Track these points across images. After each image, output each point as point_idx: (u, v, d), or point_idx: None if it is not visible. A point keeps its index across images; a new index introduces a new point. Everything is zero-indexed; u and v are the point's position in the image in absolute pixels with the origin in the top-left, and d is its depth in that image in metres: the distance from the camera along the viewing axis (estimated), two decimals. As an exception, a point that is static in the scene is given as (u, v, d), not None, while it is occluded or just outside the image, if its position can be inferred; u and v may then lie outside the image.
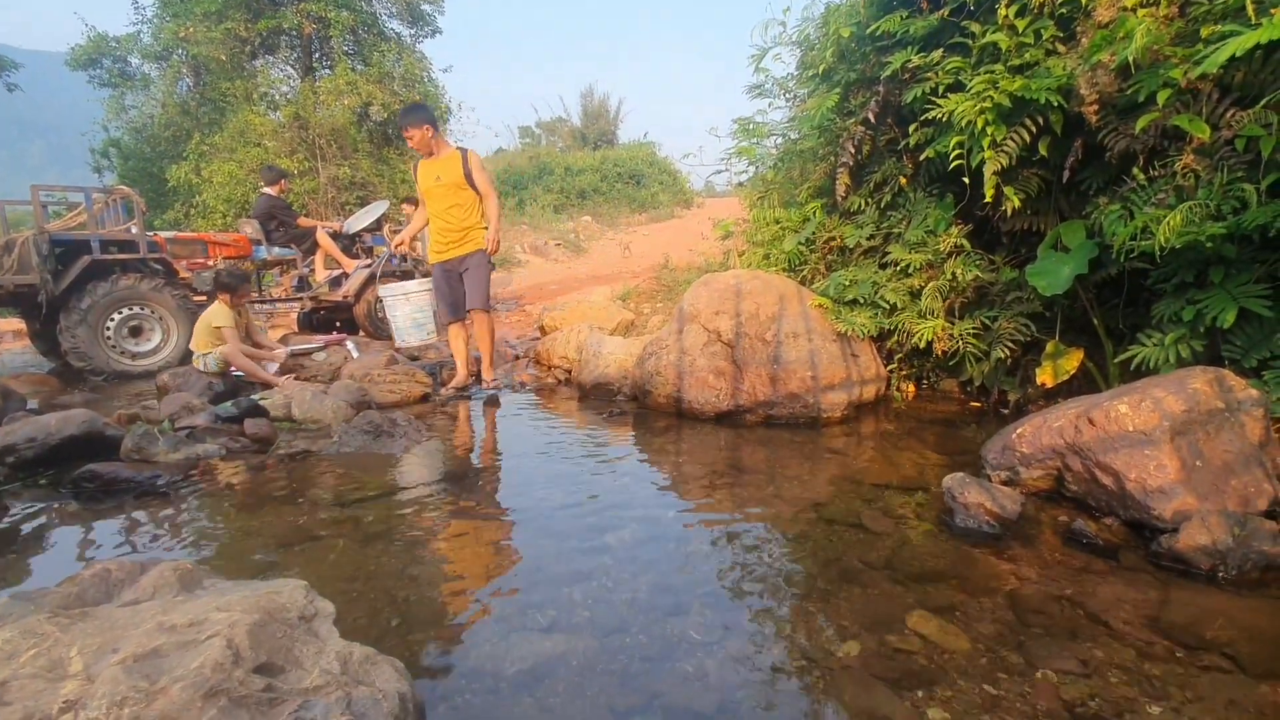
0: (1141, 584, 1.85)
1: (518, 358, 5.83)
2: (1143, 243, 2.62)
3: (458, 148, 4.44)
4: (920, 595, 1.84)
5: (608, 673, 1.55)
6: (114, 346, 5.56)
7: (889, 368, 4.01)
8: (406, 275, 7.06)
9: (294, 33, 13.53)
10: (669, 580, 1.98)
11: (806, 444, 3.30)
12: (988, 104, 3.06)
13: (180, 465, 3.03)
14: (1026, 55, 3.15)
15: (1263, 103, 2.40)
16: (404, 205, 9.24)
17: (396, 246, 4.84)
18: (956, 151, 3.30)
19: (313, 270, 7.23)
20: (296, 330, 7.33)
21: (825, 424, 3.58)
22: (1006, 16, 3.17)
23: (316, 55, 14.26)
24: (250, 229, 7.04)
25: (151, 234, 6.04)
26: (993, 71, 3.14)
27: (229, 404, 3.69)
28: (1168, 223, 2.49)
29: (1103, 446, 2.12)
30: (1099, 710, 1.38)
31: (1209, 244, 2.46)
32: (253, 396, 3.92)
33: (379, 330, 6.76)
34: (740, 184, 6.54)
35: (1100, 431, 2.14)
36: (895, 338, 3.80)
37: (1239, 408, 2.14)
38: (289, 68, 14.43)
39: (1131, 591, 1.82)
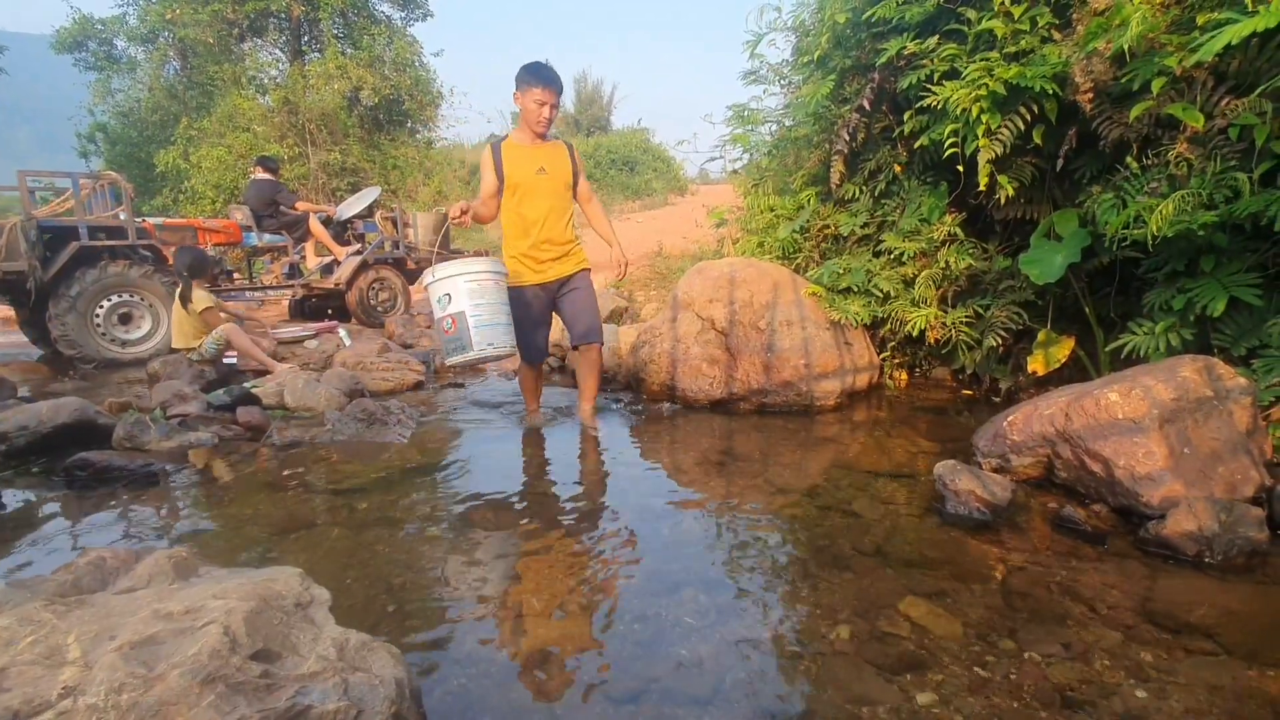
0: (1129, 569, 1.88)
1: (511, 345, 5.82)
2: (1135, 231, 2.63)
3: (558, 138, 3.29)
4: (911, 581, 1.86)
5: (604, 658, 1.56)
6: (104, 334, 5.52)
7: (882, 356, 4.03)
8: (399, 263, 7.02)
9: (282, 15, 13.34)
10: (663, 566, 2.00)
11: (800, 431, 3.32)
12: (983, 92, 3.05)
13: (173, 453, 3.02)
14: (1022, 42, 3.14)
15: (1258, 91, 2.40)
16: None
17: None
18: (951, 139, 3.29)
19: (304, 257, 7.18)
20: (288, 318, 7.29)
21: (819, 412, 3.60)
22: (1002, 3, 3.15)
23: (305, 39, 14.07)
24: (240, 215, 6.98)
25: (140, 220, 5.97)
26: (988, 59, 3.13)
27: (221, 392, 3.68)
28: (1160, 211, 2.50)
29: (1092, 434, 2.14)
30: (1085, 693, 1.40)
31: (1200, 233, 2.48)
32: (245, 384, 3.91)
33: (371, 318, 6.73)
34: (735, 171, 6.52)
35: (1090, 419, 2.16)
36: (888, 326, 3.82)
37: (1228, 396, 2.16)
38: (278, 51, 14.24)
39: (1119, 577, 1.84)
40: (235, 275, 7.34)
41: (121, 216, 5.72)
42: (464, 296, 2.87)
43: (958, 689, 1.43)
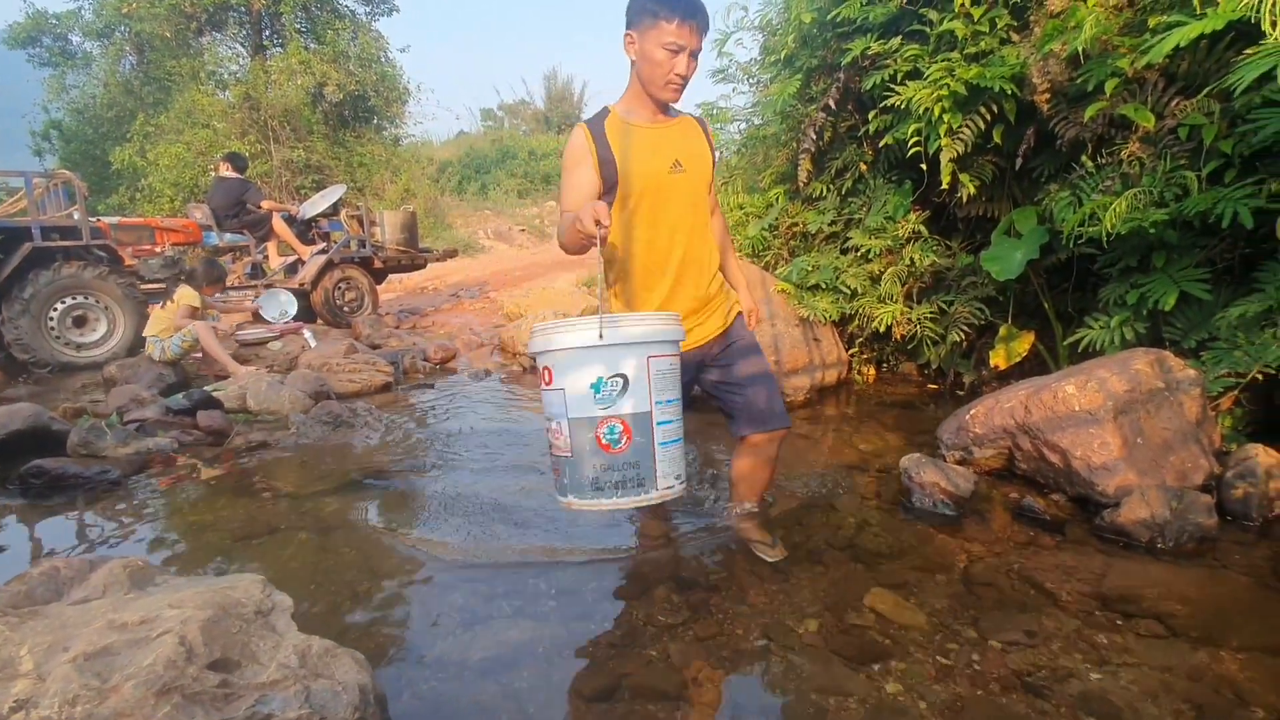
0: (1085, 556, 1.93)
1: (482, 345, 5.77)
2: (1090, 228, 2.71)
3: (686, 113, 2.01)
4: (878, 573, 1.89)
5: (574, 658, 1.56)
6: (58, 337, 5.33)
7: (850, 352, 4.09)
8: (366, 262, 6.91)
9: (242, 8, 13.02)
10: (635, 564, 2.00)
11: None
12: (944, 92, 3.11)
13: (130, 460, 2.93)
14: (982, 44, 3.21)
15: (1205, 92, 2.49)
16: None
17: None
18: (914, 138, 3.35)
19: (267, 257, 7.03)
20: (251, 319, 7.12)
21: (789, 407, 3.63)
22: (963, 5, 3.21)
23: (267, 33, 13.74)
24: (200, 214, 6.79)
25: (95, 220, 5.78)
26: (949, 59, 3.19)
27: (180, 396, 3.59)
28: (1114, 209, 2.58)
29: (1051, 426, 2.20)
30: (1045, 678, 1.44)
31: (1152, 230, 2.56)
32: (205, 388, 3.81)
33: (338, 318, 6.61)
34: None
35: (1048, 411, 2.21)
36: (856, 322, 3.87)
37: (1178, 387, 2.24)
38: (238, 45, 13.88)
39: (1076, 563, 1.90)
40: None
41: (76, 216, 5.53)
42: (648, 385, 1.54)
43: (923, 678, 1.46)
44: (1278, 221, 2.30)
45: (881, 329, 3.70)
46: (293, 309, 5.81)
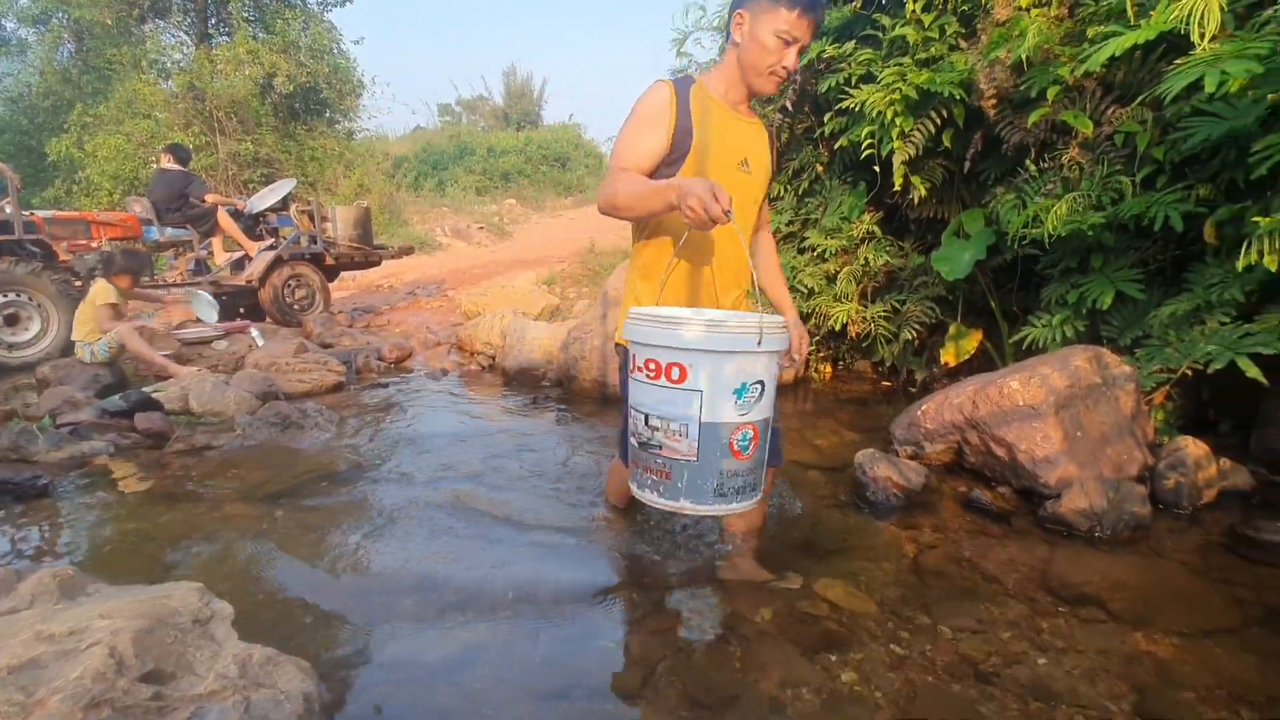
0: (1030, 546, 2.00)
1: (439, 344, 5.67)
2: (1034, 230, 2.81)
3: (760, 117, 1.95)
4: (832, 564, 1.92)
5: (530, 658, 1.54)
6: (-15, 336, 5.04)
7: (807, 351, 4.14)
8: (318, 259, 6.72)
9: (187, -5, 12.52)
10: (593, 563, 1.99)
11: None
12: (896, 95, 3.18)
13: (64, 464, 2.78)
14: (932, 49, 3.30)
15: (1138, 100, 2.60)
16: None
17: None
18: (868, 141, 3.42)
19: (211, 253, 6.76)
20: (195, 318, 6.85)
21: (747, 405, 3.67)
22: (914, 11, 3.30)
23: (213, 21, 13.24)
24: (139, 207, 6.49)
25: (28, 213, 5.48)
26: (901, 64, 3.26)
27: (117, 397, 3.42)
28: (1055, 212, 2.68)
29: (997, 420, 2.27)
30: (993, 664, 1.49)
31: (1090, 232, 2.66)
32: (144, 389, 3.65)
33: (288, 317, 6.41)
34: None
35: (995, 407, 2.28)
36: (813, 321, 3.93)
37: (1114, 383, 2.33)
38: (182, 34, 13.33)
39: (1021, 553, 1.96)
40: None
41: (8, 210, 5.23)
42: (774, 391, 1.50)
43: (877, 666, 1.49)
44: (1205, 225, 2.42)
45: (837, 327, 3.77)
46: (214, 313, 5.55)
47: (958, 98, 3.12)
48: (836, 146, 3.81)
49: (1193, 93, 2.25)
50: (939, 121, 3.24)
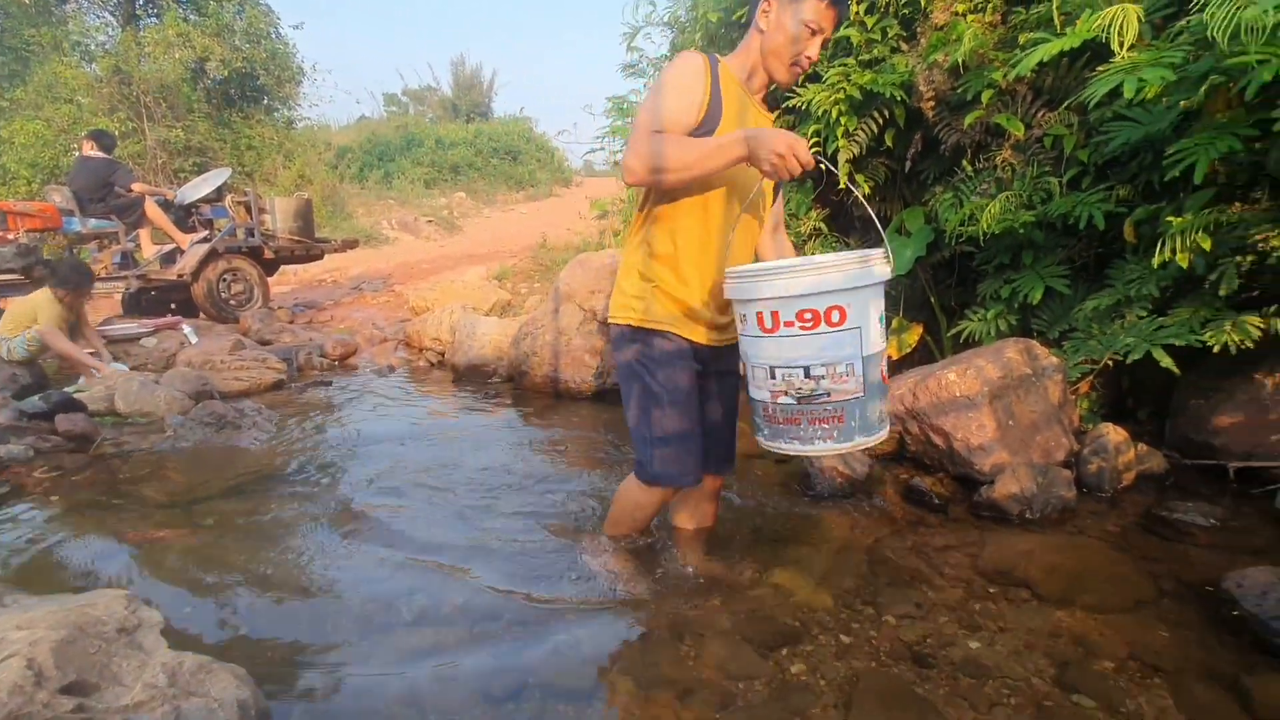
0: (966, 530, 2.09)
1: (385, 340, 5.53)
2: (970, 228, 2.92)
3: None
4: (781, 555, 1.96)
5: (480, 660, 1.52)
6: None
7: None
8: (256, 252, 6.46)
9: (112, -28, 11.82)
10: (544, 559, 1.98)
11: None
12: (841, 95, 3.25)
13: (-27, 470, 2.61)
14: (875, 51, 3.38)
15: (1064, 105, 2.73)
16: None
17: None
18: (814, 139, 3.49)
19: (138, 245, 6.42)
20: (122, 313, 6.50)
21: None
22: (857, 13, 3.37)
23: (141, 2, 12.54)
24: (59, 197, 6.11)
25: (-71, 201, 5.09)
26: (846, 64, 3.34)
27: (36, 398, 3.22)
28: (989, 211, 2.79)
29: (936, 410, 2.36)
30: (930, 647, 1.55)
31: (1022, 230, 2.78)
32: (66, 389, 3.45)
33: (223, 313, 6.15)
34: (617, 163, 6.54)
35: (933, 397, 2.37)
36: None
37: (1044, 373, 2.45)
38: (107, 14, 12.58)
39: (957, 538, 2.04)
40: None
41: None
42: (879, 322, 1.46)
43: (824, 654, 1.53)
44: (1125, 224, 2.56)
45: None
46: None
47: (899, 99, 3.21)
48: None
49: (1114, 98, 2.37)
50: (881, 121, 3.33)
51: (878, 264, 1.39)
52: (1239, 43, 1.86)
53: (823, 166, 1.42)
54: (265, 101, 13.46)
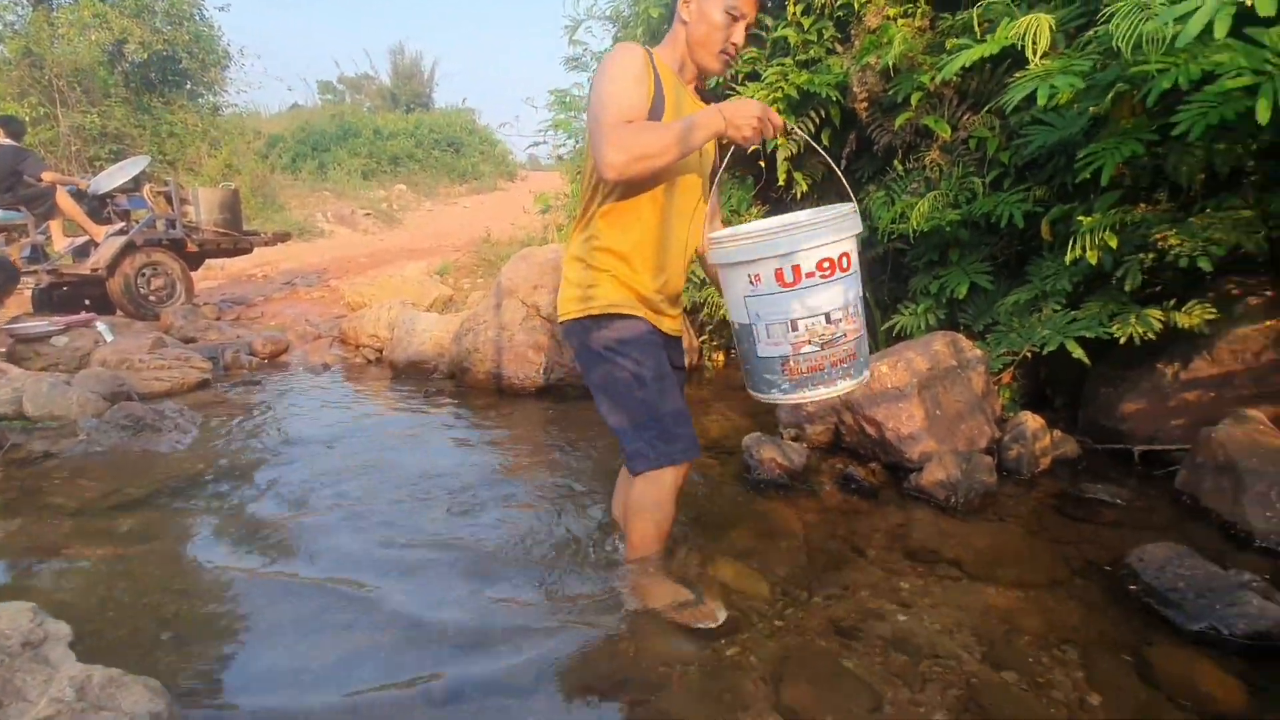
0: (896, 516, 2.17)
1: (319, 337, 5.35)
2: (901, 226, 3.03)
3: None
4: (719, 544, 1.99)
5: (416, 663, 1.50)
6: None
7: (700, 339, 4.26)
8: (178, 245, 6.14)
9: (16, -54, 10.99)
10: (484, 555, 1.96)
11: (624, 414, 3.41)
12: (779, 94, 3.32)
13: None
14: (811, 52, 3.47)
15: (986, 108, 2.86)
16: None
17: None
18: (754, 137, 3.54)
19: (49, 237, 6.02)
20: (31, 310, 6.08)
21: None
22: (794, 14, 3.45)
23: (52, -22, 11.71)
24: (-43, 185, 5.66)
25: None
26: (784, 64, 3.41)
27: (-71, 401, 2.98)
28: (918, 209, 2.90)
29: (869, 402, 2.44)
30: (862, 627, 1.60)
31: (948, 228, 2.91)
32: (-35, 391, 3.20)
33: (143, 309, 5.82)
34: (561, 157, 6.51)
35: (866, 389, 2.45)
36: (706, 310, 4.05)
37: (968, 365, 2.57)
38: (15, -9, 11.71)
39: (888, 523, 2.12)
40: None
41: None
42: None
43: (757, 636, 1.57)
44: (1042, 223, 2.70)
45: (728, 316, 3.89)
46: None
47: (834, 99, 3.30)
48: (725, 141, 3.92)
49: (1031, 103, 2.50)
50: (818, 121, 3.41)
51: (855, 213, 1.48)
52: (1141, 53, 1.98)
53: (795, 133, 1.49)
54: (188, 86, 12.81)
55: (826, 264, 1.41)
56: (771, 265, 1.41)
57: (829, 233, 1.39)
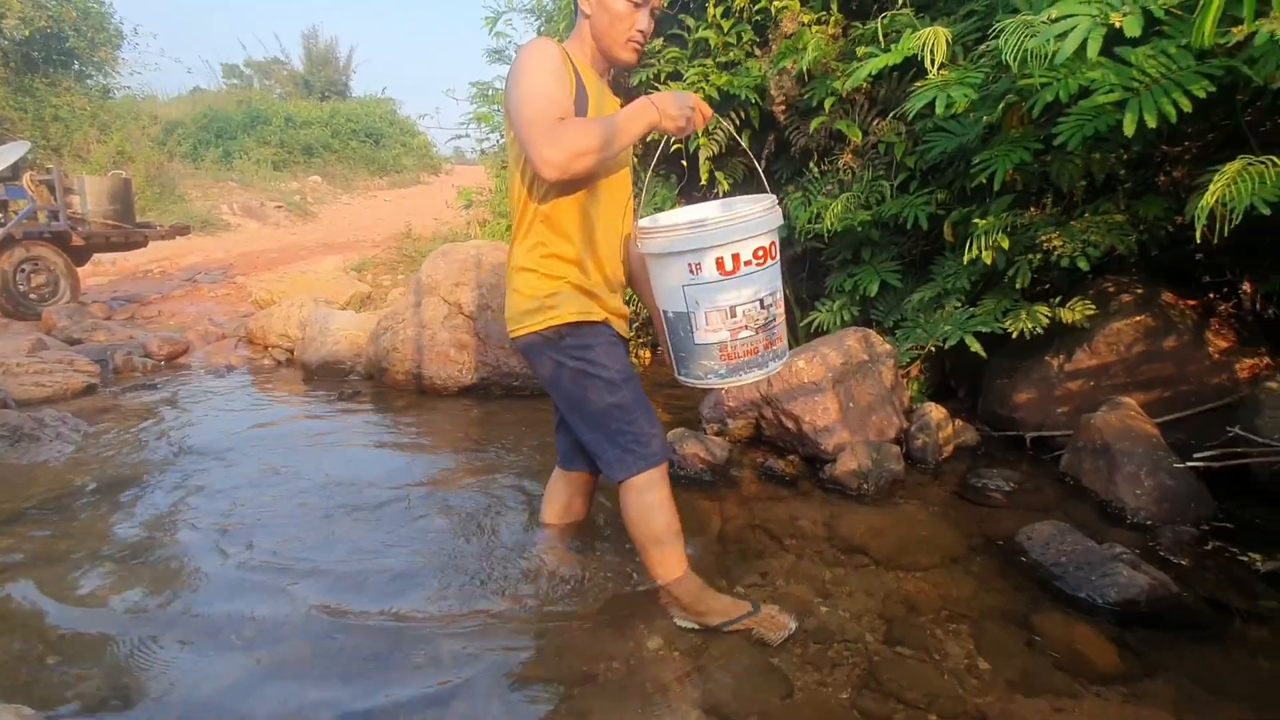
0: (813, 506, 2.25)
1: (224, 337, 5.04)
2: (816, 226, 3.13)
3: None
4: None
5: (343, 671, 1.44)
6: None
7: (627, 337, 4.28)
8: (61, 238, 5.66)
9: None
10: (400, 562, 1.91)
11: (548, 414, 3.38)
12: (700, 95, 3.37)
13: None
14: (731, 54, 3.54)
15: (891, 114, 3.00)
16: None
17: None
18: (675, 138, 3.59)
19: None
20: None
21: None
22: (714, 16, 3.51)
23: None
24: None
25: None
26: (705, 65, 3.46)
27: None
28: (832, 210, 3.01)
29: (787, 396, 2.52)
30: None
31: (860, 228, 3.04)
32: None
33: (21, 308, 5.33)
34: (484, 152, 6.39)
35: (785, 384, 2.53)
36: (632, 307, 4.05)
37: (879, 359, 2.69)
38: None
39: (806, 512, 2.20)
40: None
41: None
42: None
43: (675, 630, 1.59)
44: (944, 225, 2.86)
45: (658, 306, 3.92)
46: None
47: (754, 101, 3.38)
48: (648, 139, 3.95)
49: (933, 111, 2.64)
50: (738, 121, 3.49)
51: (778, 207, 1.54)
52: (1027, 67, 2.13)
53: (722, 126, 1.54)
54: (76, 67, 11.82)
55: (761, 252, 1.46)
56: (713, 254, 1.43)
57: (765, 222, 1.45)
